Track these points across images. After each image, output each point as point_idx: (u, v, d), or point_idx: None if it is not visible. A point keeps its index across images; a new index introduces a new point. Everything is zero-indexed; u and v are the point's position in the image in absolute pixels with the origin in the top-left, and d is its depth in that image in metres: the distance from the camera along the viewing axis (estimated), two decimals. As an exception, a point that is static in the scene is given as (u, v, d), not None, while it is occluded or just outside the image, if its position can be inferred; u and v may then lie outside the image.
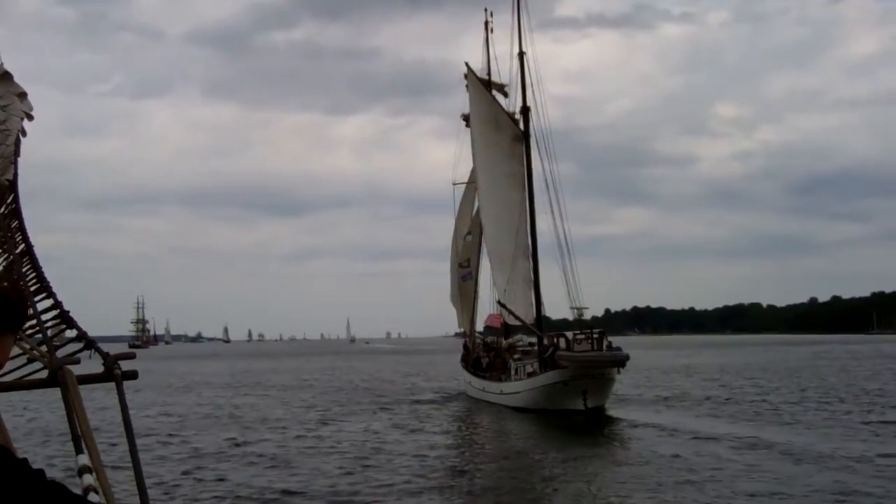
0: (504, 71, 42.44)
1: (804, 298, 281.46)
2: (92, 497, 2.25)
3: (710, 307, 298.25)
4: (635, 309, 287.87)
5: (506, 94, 42.43)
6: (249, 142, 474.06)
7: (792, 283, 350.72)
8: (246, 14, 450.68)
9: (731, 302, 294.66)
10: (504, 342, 40.86)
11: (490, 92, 41.69)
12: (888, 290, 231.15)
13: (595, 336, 34.04)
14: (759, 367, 63.42)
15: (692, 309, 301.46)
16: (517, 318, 38.04)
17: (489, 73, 43.50)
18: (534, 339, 39.94)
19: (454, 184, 45.14)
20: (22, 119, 4.94)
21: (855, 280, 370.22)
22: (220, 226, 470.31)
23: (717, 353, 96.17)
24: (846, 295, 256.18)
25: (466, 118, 43.54)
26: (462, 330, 47.28)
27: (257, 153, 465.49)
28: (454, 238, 45.71)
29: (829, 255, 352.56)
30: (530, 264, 39.41)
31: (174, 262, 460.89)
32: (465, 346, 44.85)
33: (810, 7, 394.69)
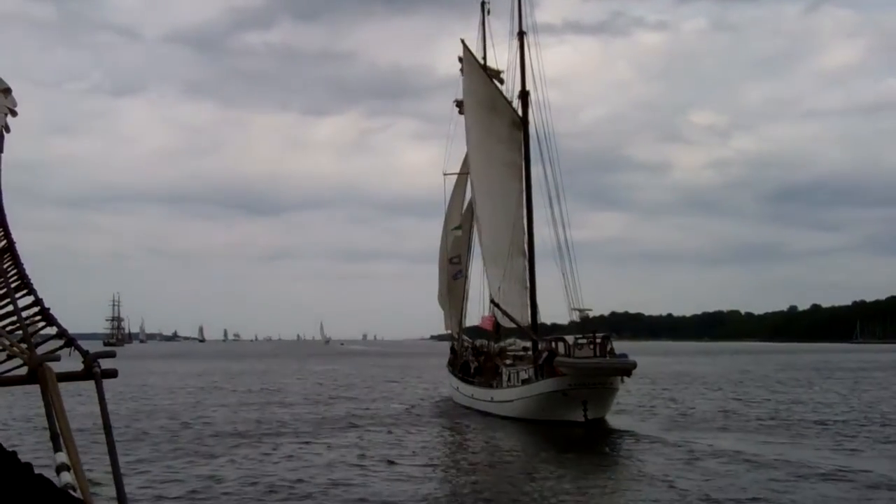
0: (501, 60, 39.55)
1: (780, 306, 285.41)
2: None
3: (687, 314, 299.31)
4: (613, 314, 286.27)
5: (502, 81, 39.39)
6: (226, 141, 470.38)
7: (768, 291, 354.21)
8: (223, 16, 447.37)
9: (708, 309, 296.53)
10: (495, 346, 37.67)
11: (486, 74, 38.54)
12: (869, 298, 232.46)
13: (598, 341, 30.94)
14: (765, 376, 60.76)
15: (670, 315, 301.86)
16: (512, 319, 34.84)
17: (485, 58, 40.43)
18: (528, 344, 36.93)
19: (445, 174, 41.86)
20: (5, 115, 4.87)
21: (831, 289, 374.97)
22: (197, 225, 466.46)
23: (710, 360, 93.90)
24: (825, 303, 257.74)
25: (459, 104, 40.43)
26: (449, 331, 43.83)
27: (234, 153, 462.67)
28: (443, 233, 42.38)
29: (804, 264, 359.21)
30: (526, 263, 36.33)
31: (150, 260, 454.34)
32: (452, 350, 41.62)
33: (785, 17, 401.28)
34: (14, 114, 4.91)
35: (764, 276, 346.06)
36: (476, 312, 40.77)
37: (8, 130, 4.82)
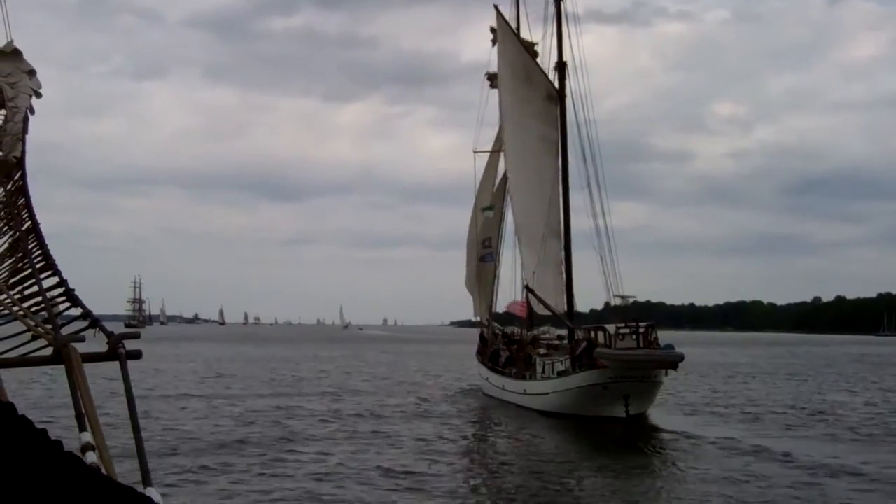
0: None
1: (801, 298, 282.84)
2: None
3: (709, 303, 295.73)
4: (635, 303, 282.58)
5: (535, 55, 36.90)
6: (248, 126, 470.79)
7: (789, 282, 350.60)
8: (245, 1, 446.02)
9: (730, 299, 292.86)
10: (527, 334, 35.30)
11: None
12: (895, 290, 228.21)
13: (641, 330, 28.56)
14: (807, 366, 58.15)
15: (692, 305, 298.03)
16: (546, 306, 32.43)
17: (518, 30, 37.93)
18: (563, 332, 34.60)
19: (475, 152, 39.32)
20: (30, 96, 5.06)
21: (854, 281, 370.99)
22: (218, 209, 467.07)
23: (745, 351, 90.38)
24: (849, 295, 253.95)
25: (491, 77, 38.06)
26: (477, 318, 41.33)
27: (256, 138, 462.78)
28: (473, 214, 39.91)
29: (824, 256, 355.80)
30: (561, 246, 33.95)
31: (171, 243, 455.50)
32: (481, 337, 39.26)
33: (809, 9, 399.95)
34: (39, 95, 5.10)
35: (785, 267, 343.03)
36: (506, 298, 38.55)
37: (32, 112, 5.03)
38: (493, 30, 37.05)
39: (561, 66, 34.70)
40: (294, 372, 48.71)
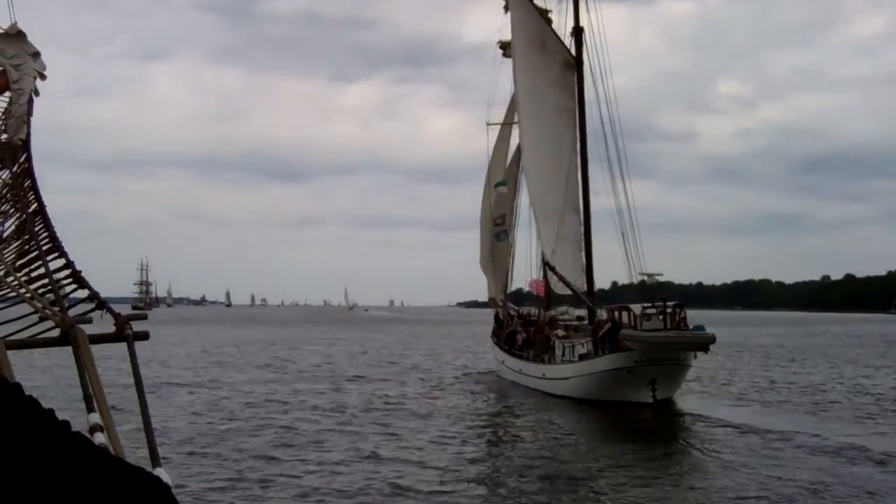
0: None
1: (808, 276, 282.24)
2: None
3: (717, 283, 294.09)
4: (643, 283, 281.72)
5: (550, 22, 34.95)
6: (253, 107, 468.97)
7: (796, 260, 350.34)
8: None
9: (737, 278, 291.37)
10: (545, 315, 33.56)
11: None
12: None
13: (669, 310, 26.84)
14: (830, 346, 56.12)
15: (700, 284, 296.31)
16: (567, 284, 30.65)
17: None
18: (582, 312, 32.92)
19: (488, 124, 37.43)
20: (35, 79, 5.01)
21: (861, 259, 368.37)
22: (224, 190, 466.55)
23: (764, 330, 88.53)
24: (858, 273, 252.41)
25: (504, 46, 36.08)
26: (491, 298, 39.45)
27: (261, 119, 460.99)
28: (485, 190, 38.03)
29: (832, 234, 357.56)
30: (581, 221, 32.17)
31: (177, 225, 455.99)
32: (496, 318, 37.55)
33: None
34: (43, 77, 5.12)
35: (791, 246, 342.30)
36: (521, 277, 36.84)
37: (37, 94, 5.07)
38: (505, -4, 35.14)
39: (578, 32, 32.81)
40: (296, 357, 46.37)
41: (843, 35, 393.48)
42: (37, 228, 4.75)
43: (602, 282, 42.74)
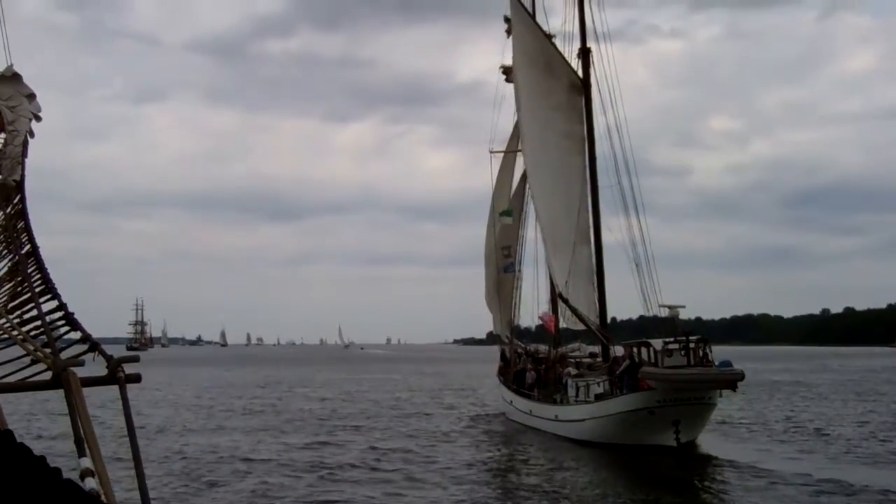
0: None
1: (806, 310, 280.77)
2: None
3: (716, 317, 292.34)
4: (642, 318, 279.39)
5: (554, 46, 33.49)
6: (248, 147, 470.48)
7: (792, 294, 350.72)
8: (243, 24, 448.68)
9: (736, 313, 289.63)
10: (556, 351, 31.53)
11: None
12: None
13: (692, 346, 24.85)
14: (875, 385, 53.39)
15: (699, 319, 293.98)
16: (582, 320, 28.68)
17: (534, 14, 34.51)
18: (595, 349, 30.96)
19: (491, 152, 35.83)
20: (30, 120, 5.11)
21: (858, 292, 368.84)
22: (219, 229, 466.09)
23: (777, 365, 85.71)
24: (857, 307, 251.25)
25: (507, 71, 34.50)
26: (498, 335, 37.32)
27: (255, 158, 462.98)
28: (490, 220, 36.19)
29: (826, 268, 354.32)
30: (591, 252, 30.34)
31: (172, 265, 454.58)
32: (502, 356, 35.50)
33: (800, 24, 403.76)
34: (38, 119, 5.20)
35: (787, 280, 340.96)
36: (528, 312, 34.87)
37: (32, 136, 5.13)
38: (507, 19, 33.74)
39: (585, 53, 31.29)
40: (287, 401, 43.91)
41: (832, 71, 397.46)
42: (30, 270, 4.74)
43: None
